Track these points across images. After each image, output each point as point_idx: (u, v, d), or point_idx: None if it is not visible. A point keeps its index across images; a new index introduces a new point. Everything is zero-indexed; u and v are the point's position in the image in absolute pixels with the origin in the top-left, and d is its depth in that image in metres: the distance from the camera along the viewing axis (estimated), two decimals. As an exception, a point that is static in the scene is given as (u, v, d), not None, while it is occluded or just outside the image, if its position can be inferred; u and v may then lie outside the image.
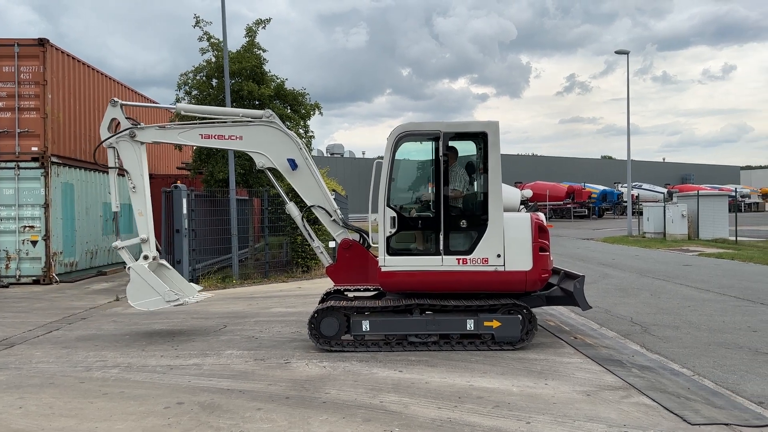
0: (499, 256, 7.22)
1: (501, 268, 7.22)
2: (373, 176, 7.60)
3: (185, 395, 5.79)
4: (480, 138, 7.43)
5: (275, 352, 7.42)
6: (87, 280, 15.45)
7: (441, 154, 7.31)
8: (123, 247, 8.28)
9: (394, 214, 7.34)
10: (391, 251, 7.37)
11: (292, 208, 8.40)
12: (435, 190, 7.39)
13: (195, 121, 8.38)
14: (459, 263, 7.26)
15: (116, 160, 8.23)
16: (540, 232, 7.31)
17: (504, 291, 7.39)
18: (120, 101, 8.21)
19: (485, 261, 7.24)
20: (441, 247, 7.29)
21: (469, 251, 7.27)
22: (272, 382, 6.14)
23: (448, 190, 7.37)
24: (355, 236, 8.14)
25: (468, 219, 7.44)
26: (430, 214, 7.44)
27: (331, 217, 8.09)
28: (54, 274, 14.54)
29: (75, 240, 15.64)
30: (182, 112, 8.76)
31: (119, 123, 8.23)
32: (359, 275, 7.91)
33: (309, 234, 8.38)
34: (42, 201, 14.44)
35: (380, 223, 7.40)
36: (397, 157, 7.43)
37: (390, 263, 7.35)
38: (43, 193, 14.44)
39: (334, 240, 8.17)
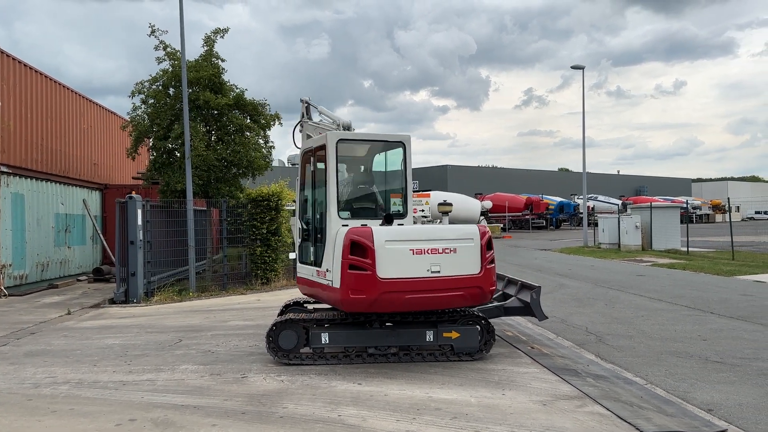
0: (328, 270, 7.13)
1: (331, 283, 7.04)
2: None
3: (138, 412, 5.65)
4: (323, 150, 7.40)
5: (232, 366, 7.31)
6: (38, 293, 14.96)
7: (313, 168, 7.67)
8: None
9: (300, 226, 7.95)
10: (299, 259, 8.07)
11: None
12: (312, 203, 7.83)
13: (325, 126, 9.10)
14: (317, 275, 7.45)
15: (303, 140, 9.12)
16: (354, 248, 6.68)
17: (339, 307, 7.12)
18: (306, 99, 9.35)
19: (324, 274, 7.25)
20: (312, 258, 7.66)
21: (320, 264, 7.43)
22: (228, 397, 6.04)
23: (317, 204, 7.71)
24: None
25: (320, 232, 7.60)
26: (315, 226, 7.80)
27: None
28: (2, 287, 14.05)
29: (25, 252, 15.17)
30: (319, 115, 9.46)
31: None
32: None
33: None
34: (-10, 212, 13.98)
35: (294, 234, 7.96)
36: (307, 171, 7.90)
37: (299, 270, 8.08)
38: (-9, 203, 13.97)
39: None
